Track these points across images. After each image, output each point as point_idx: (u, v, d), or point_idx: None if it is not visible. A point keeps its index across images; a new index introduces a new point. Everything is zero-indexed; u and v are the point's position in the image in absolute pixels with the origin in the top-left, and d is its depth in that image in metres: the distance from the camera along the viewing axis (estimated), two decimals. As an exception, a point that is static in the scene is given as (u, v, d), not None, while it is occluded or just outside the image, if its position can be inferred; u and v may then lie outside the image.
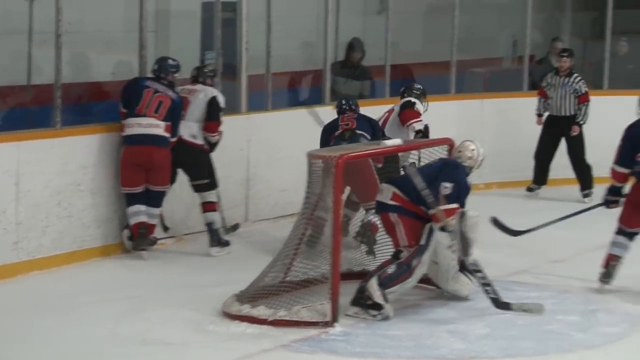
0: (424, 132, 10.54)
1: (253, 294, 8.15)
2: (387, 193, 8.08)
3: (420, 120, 10.63)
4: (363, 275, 8.44)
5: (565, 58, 13.10)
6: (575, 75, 13.05)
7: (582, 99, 12.76)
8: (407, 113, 10.70)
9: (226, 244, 10.33)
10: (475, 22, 14.55)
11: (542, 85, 13.08)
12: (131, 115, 9.86)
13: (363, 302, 7.89)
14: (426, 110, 11.17)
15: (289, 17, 12.46)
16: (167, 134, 9.90)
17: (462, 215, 8.08)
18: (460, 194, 7.98)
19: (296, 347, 7.23)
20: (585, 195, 12.67)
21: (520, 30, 14.09)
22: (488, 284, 8.08)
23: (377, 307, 7.80)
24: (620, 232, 8.92)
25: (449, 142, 9.01)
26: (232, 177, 11.23)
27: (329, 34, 12.25)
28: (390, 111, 10.88)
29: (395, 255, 7.99)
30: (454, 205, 7.93)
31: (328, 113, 10.92)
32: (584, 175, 13.09)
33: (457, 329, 7.63)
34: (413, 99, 10.90)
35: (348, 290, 8.05)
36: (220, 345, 7.38)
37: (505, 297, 8.00)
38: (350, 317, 7.94)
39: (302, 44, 13.36)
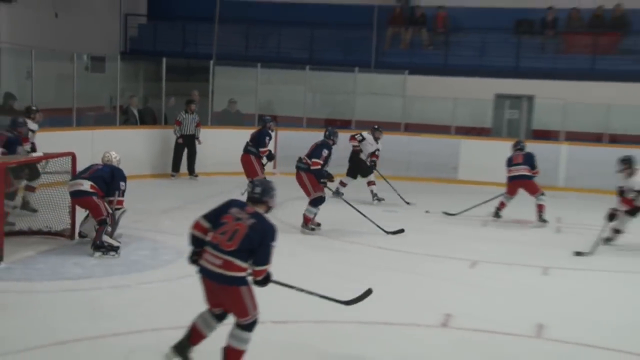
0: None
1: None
2: (86, 185, 7.61)
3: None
4: (20, 233, 8.06)
5: (193, 105, 12.80)
6: (196, 113, 12.82)
7: (198, 125, 12.67)
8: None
9: None
10: (89, 86, 13.75)
11: (178, 119, 12.72)
12: None
13: (103, 248, 7.56)
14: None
15: None
16: None
17: (124, 210, 8.02)
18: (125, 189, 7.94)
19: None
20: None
21: (114, 91, 13.20)
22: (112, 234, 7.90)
23: (115, 249, 7.59)
24: None
25: (72, 155, 8.39)
26: None
27: None
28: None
29: (102, 222, 7.60)
30: (123, 199, 7.83)
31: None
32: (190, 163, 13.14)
33: (80, 261, 7.35)
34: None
35: (13, 241, 7.60)
36: None
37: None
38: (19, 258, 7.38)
39: None
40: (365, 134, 11.83)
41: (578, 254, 8.36)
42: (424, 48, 16.22)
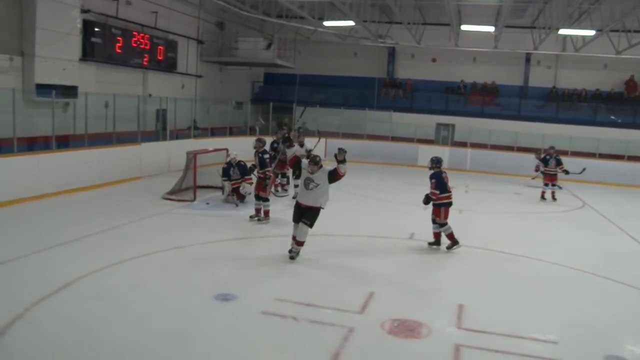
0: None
1: (172, 192, 7.33)
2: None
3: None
4: (204, 187, 7.58)
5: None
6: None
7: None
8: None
9: None
10: (235, 116, 13.48)
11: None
12: None
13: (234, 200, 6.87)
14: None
15: None
16: None
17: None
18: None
19: (186, 208, 6.67)
20: None
21: (247, 118, 13.17)
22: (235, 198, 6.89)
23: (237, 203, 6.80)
24: None
25: (226, 150, 7.66)
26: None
27: None
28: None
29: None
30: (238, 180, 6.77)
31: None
32: None
33: (228, 206, 6.83)
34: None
35: (200, 190, 7.44)
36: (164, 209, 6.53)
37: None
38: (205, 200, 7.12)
39: None
40: None
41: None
42: (400, 99, 15.60)
